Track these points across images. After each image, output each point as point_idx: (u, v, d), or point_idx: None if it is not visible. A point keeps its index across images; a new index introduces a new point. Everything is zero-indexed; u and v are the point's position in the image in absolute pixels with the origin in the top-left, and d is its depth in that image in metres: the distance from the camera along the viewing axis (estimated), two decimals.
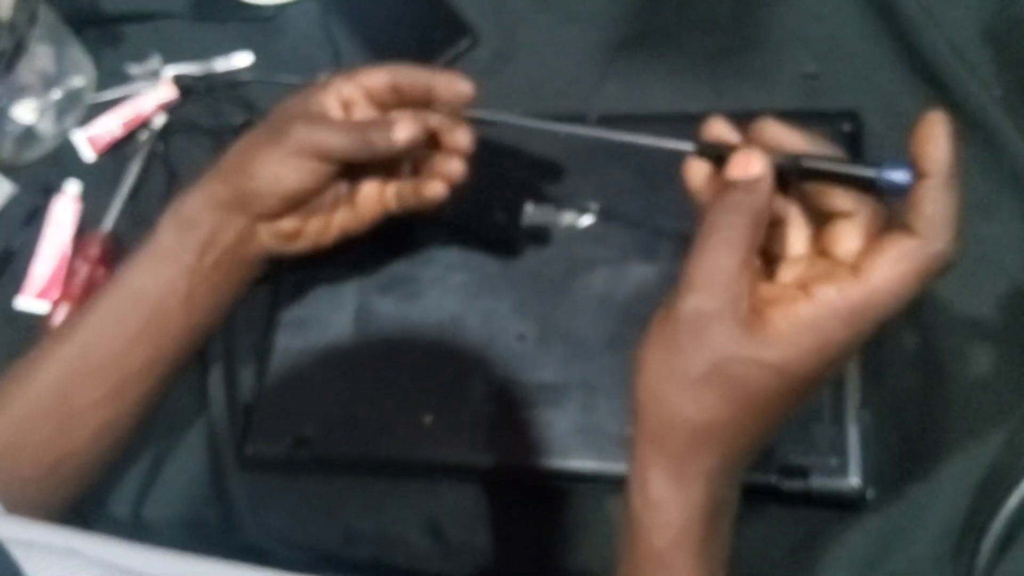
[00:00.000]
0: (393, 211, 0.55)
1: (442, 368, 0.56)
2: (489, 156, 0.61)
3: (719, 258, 0.37)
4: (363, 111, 0.53)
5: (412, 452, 0.54)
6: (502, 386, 0.54)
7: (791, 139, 0.40)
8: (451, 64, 0.68)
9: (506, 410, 0.54)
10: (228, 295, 0.55)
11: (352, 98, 0.53)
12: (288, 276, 0.61)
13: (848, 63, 0.60)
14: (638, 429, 0.39)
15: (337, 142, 0.51)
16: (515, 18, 0.68)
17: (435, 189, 0.53)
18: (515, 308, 0.57)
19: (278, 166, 0.51)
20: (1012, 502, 0.46)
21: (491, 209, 0.60)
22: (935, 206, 0.35)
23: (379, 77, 0.52)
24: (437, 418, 0.54)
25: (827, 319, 0.36)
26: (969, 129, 0.55)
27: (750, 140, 0.41)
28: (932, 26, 0.58)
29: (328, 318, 0.59)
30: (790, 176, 0.39)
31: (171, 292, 0.52)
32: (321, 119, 0.52)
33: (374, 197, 0.55)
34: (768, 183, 0.39)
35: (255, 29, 0.73)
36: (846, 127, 0.56)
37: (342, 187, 0.54)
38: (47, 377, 0.51)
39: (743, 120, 0.58)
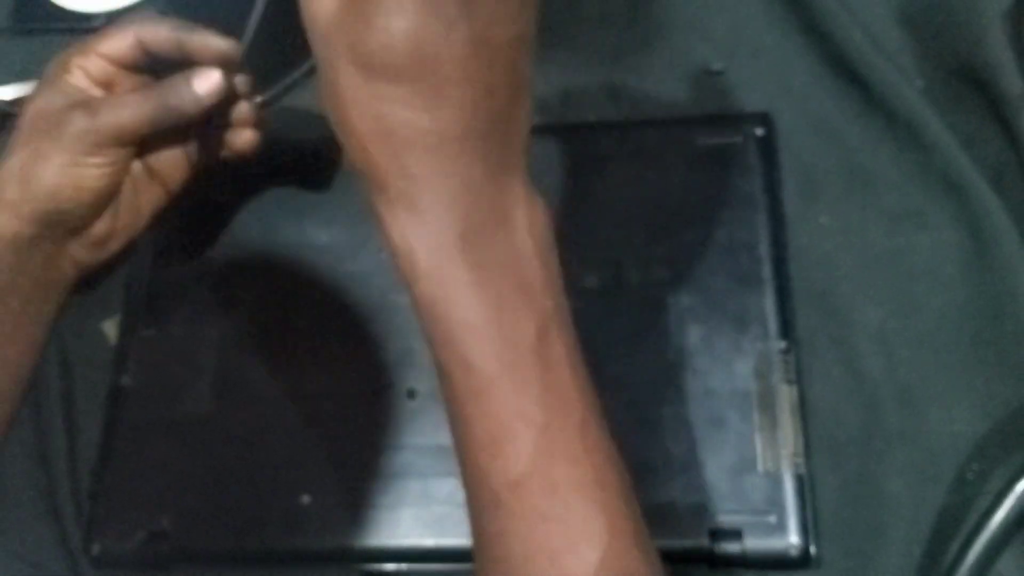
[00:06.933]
0: (201, 169, 0.50)
1: (319, 438, 0.48)
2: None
3: None
4: (126, 83, 0.47)
5: (289, 540, 0.47)
6: (390, 455, 0.47)
7: None
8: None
9: (396, 484, 0.46)
10: (40, 331, 0.47)
11: (105, 74, 0.46)
12: (133, 334, 0.53)
13: (755, 57, 0.54)
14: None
15: (135, 117, 0.45)
16: None
17: (246, 139, 0.49)
18: (402, 357, 0.49)
19: (75, 171, 0.45)
20: (972, 556, 0.41)
21: (363, 231, 0.52)
22: None
23: (122, 41, 0.46)
24: (315, 498, 0.47)
25: None
26: (893, 127, 0.50)
27: None
28: (844, 12, 0.52)
29: (182, 383, 0.51)
30: None
31: None
32: (103, 102, 0.45)
33: (178, 162, 0.50)
34: None
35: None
36: (758, 131, 0.51)
37: (137, 166, 0.49)
38: None
39: (643, 128, 0.52)
